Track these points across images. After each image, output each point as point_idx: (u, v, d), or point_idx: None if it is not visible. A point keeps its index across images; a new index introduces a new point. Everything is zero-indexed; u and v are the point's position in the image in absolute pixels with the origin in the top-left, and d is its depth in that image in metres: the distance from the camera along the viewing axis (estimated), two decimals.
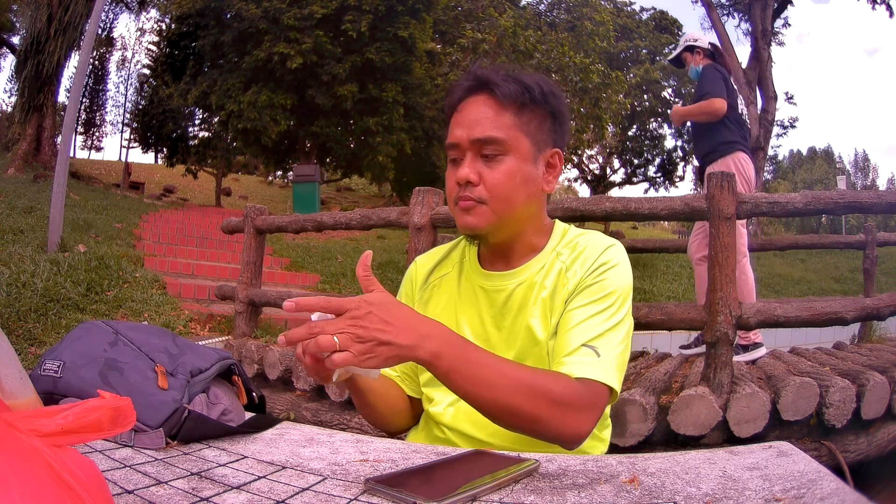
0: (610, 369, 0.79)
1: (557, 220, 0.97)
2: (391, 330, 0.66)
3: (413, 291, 1.01)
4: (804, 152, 47.50)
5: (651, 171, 23.75)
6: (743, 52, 18.35)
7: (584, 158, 22.83)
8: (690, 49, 3.32)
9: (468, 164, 0.86)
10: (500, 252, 0.93)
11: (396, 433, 0.99)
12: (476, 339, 0.91)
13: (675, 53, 3.47)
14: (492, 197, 0.85)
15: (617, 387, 0.79)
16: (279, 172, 20.76)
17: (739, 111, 3.26)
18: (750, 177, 3.06)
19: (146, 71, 22.26)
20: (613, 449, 1.45)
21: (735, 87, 3.32)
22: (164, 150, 18.43)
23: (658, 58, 21.95)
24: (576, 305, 0.84)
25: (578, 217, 2.45)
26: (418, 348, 0.67)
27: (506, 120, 0.86)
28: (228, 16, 13.81)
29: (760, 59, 17.23)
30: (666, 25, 22.64)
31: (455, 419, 0.92)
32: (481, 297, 0.93)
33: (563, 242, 0.93)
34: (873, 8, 16.04)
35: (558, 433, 0.74)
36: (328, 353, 0.63)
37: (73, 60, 12.20)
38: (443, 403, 0.94)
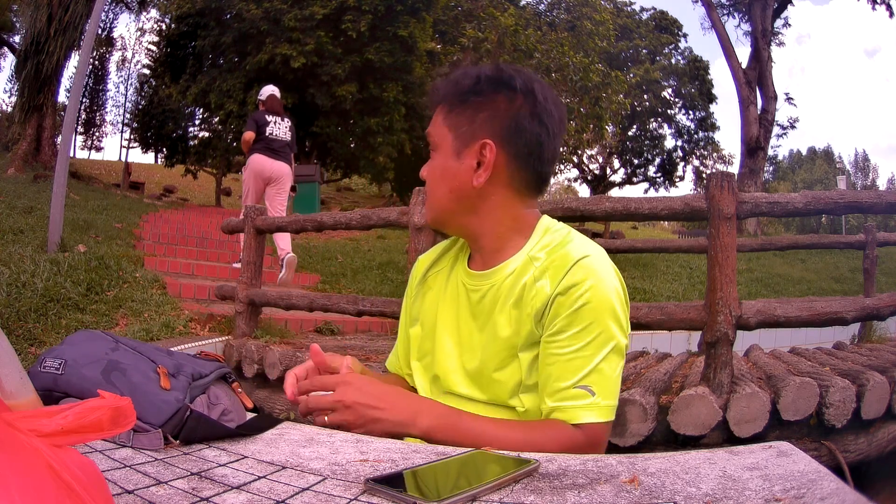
0: (605, 404, 0.77)
1: (544, 217, 0.92)
2: (381, 409, 0.74)
3: (411, 289, 1.03)
4: (804, 152, 47.51)
5: (651, 171, 23.80)
6: (743, 52, 18.31)
7: (584, 158, 22.86)
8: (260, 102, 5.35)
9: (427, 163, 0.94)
10: (475, 251, 0.94)
11: None
12: (449, 336, 0.92)
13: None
14: (426, 191, 0.94)
15: (613, 416, 0.79)
16: None
17: (268, 132, 5.04)
18: (260, 168, 4.93)
19: (146, 71, 22.28)
20: (613, 449, 1.45)
21: (268, 115, 5.07)
22: (164, 150, 18.43)
23: (658, 58, 21.98)
24: (559, 340, 0.79)
25: (578, 217, 2.45)
26: (411, 425, 0.73)
27: (437, 119, 0.90)
28: (228, 16, 13.80)
29: (760, 59, 17.23)
30: (666, 25, 22.67)
31: None
32: (461, 295, 0.93)
33: (541, 245, 0.87)
34: (873, 8, 16.05)
35: None
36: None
37: (73, 60, 12.21)
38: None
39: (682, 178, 23.82)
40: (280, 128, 5.09)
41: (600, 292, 0.79)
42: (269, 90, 5.30)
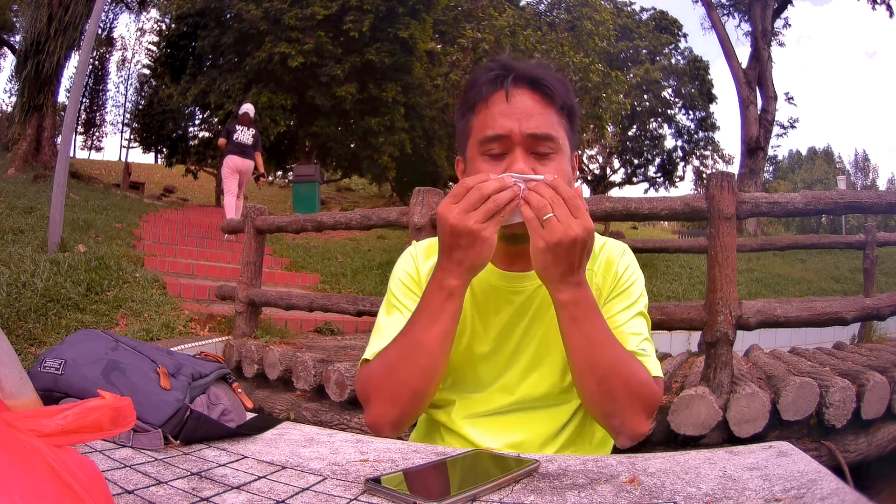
0: (658, 362, 0.88)
1: None
2: (569, 263, 0.75)
3: (419, 280, 0.95)
4: (804, 152, 47.54)
5: (651, 171, 23.81)
6: (743, 52, 18.31)
7: (584, 158, 22.86)
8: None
9: (523, 160, 0.81)
10: (520, 252, 0.89)
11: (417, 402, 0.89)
12: (496, 340, 0.90)
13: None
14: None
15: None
16: (279, 172, 20.77)
17: (235, 138, 7.18)
18: (231, 164, 7.13)
19: (146, 71, 22.29)
20: (613, 449, 1.45)
21: (238, 126, 7.27)
22: (164, 150, 18.41)
23: (658, 58, 21.99)
24: (617, 310, 0.89)
25: None
26: (581, 284, 0.77)
27: (554, 118, 0.84)
28: (228, 16, 13.80)
29: (760, 59, 17.23)
30: (666, 25, 22.68)
31: (463, 428, 0.91)
32: (498, 298, 0.91)
33: None
34: (873, 8, 16.05)
35: (626, 424, 0.80)
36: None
37: (73, 60, 12.17)
38: (451, 409, 0.92)
39: (682, 178, 23.84)
40: (245, 135, 7.26)
41: (639, 278, 0.93)
42: (244, 108, 7.60)
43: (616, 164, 24.06)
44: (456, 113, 0.93)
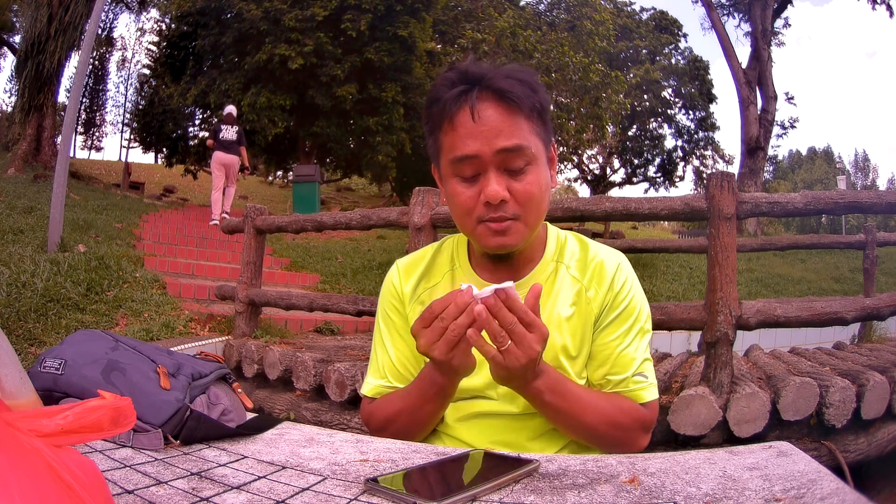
0: (655, 384, 0.90)
1: (547, 223, 0.94)
2: (536, 372, 0.76)
3: (402, 307, 0.95)
4: (804, 152, 47.53)
5: (651, 171, 23.79)
6: (743, 52, 18.30)
7: (584, 158, 22.86)
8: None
9: (496, 181, 0.79)
10: (503, 259, 0.88)
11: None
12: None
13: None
14: (525, 212, 0.81)
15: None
16: (279, 172, 20.77)
17: (221, 136, 8.05)
18: (218, 159, 8.00)
19: (146, 71, 22.29)
20: None
21: (223, 126, 8.13)
22: (164, 150, 18.41)
23: (658, 58, 21.98)
24: (615, 335, 0.89)
25: (578, 217, 2.45)
26: (542, 373, 0.78)
27: (523, 126, 0.79)
28: (229, 16, 13.79)
29: (760, 59, 17.22)
30: (666, 25, 22.66)
31: (458, 430, 0.91)
32: None
33: (568, 253, 0.91)
34: (873, 8, 16.04)
35: (624, 451, 0.83)
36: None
37: (73, 60, 12.17)
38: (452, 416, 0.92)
39: (682, 178, 23.82)
40: (229, 133, 8.11)
41: (638, 288, 0.92)
42: (227, 109, 8.56)
43: (616, 164, 24.05)
44: (424, 126, 0.89)
